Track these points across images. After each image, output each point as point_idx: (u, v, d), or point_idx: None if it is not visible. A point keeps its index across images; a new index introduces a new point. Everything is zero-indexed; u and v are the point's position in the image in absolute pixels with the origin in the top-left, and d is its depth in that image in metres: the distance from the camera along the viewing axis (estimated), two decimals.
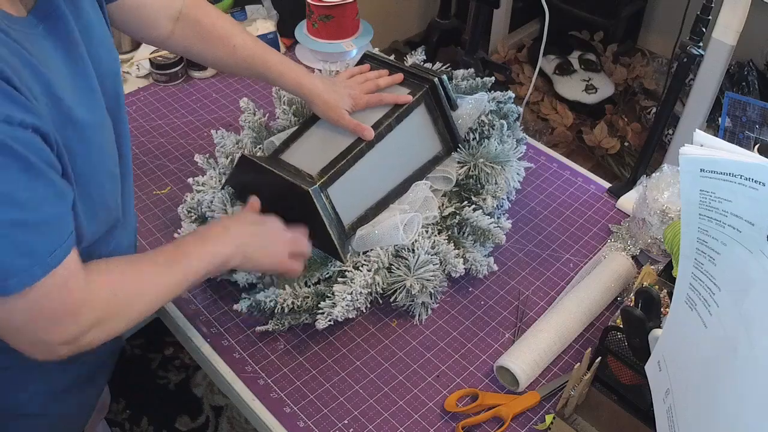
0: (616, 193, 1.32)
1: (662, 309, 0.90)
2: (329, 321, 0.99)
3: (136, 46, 1.62)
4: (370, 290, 1.03)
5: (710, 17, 1.16)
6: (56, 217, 0.69)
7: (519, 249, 1.21)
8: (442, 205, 1.16)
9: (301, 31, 1.63)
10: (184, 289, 0.85)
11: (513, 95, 1.31)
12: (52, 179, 0.68)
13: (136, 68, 1.57)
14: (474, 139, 1.21)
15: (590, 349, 0.93)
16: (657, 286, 0.99)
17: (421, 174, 1.16)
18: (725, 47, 1.58)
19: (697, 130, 0.61)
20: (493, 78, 1.34)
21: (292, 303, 1.02)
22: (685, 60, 1.18)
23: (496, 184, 1.16)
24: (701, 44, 1.18)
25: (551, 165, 1.39)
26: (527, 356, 0.99)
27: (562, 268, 1.18)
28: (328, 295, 1.02)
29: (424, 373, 1.02)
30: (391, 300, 1.05)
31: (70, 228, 0.71)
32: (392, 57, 1.39)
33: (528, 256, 1.20)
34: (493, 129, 1.21)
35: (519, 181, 1.22)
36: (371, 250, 1.07)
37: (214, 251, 0.87)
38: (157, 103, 1.50)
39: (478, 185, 1.17)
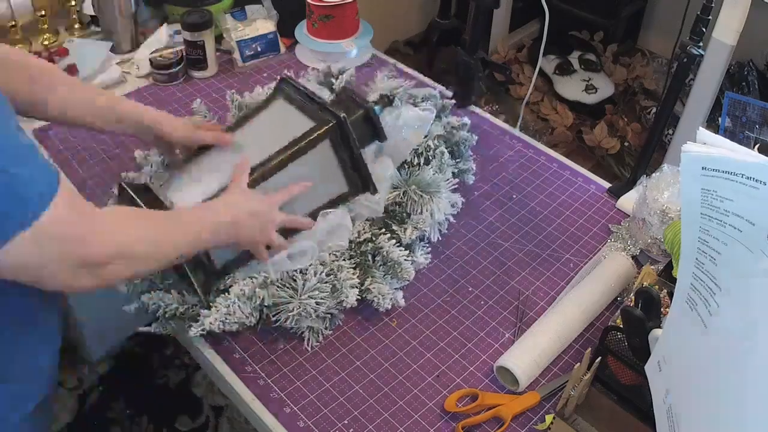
0: (616, 193, 1.32)
1: (662, 309, 0.90)
2: (201, 330, 0.98)
3: (135, 46, 1.62)
4: (253, 303, 1.00)
5: (710, 17, 1.16)
6: (35, 149, 0.73)
7: (519, 249, 1.21)
8: (363, 229, 1.11)
9: (301, 31, 1.63)
10: (193, 250, 0.91)
11: (468, 122, 1.28)
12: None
13: (135, 68, 1.57)
14: (417, 164, 1.18)
15: (590, 349, 0.93)
16: (657, 286, 0.99)
17: (318, 213, 1.08)
18: (725, 47, 1.58)
19: (700, 128, 0.61)
20: (453, 102, 1.32)
21: (176, 309, 1.01)
22: (685, 60, 1.18)
23: (421, 214, 1.12)
24: (701, 44, 1.18)
25: (551, 165, 1.39)
26: (527, 356, 0.99)
27: (562, 268, 1.18)
28: (212, 304, 1.00)
29: (424, 373, 1.02)
30: (273, 318, 1.02)
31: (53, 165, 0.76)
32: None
33: (528, 256, 1.20)
34: (435, 156, 1.19)
35: (451, 215, 1.17)
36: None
37: (217, 222, 0.93)
38: (157, 103, 1.50)
39: (404, 213, 1.13)
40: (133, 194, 0.98)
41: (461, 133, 1.26)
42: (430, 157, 1.19)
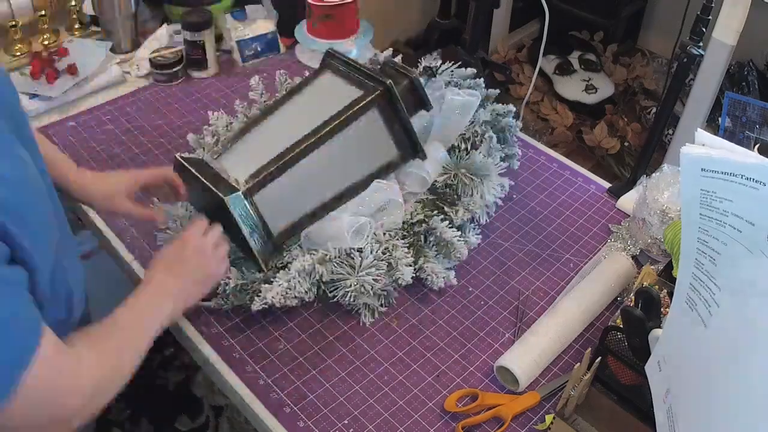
0: (616, 193, 1.32)
1: (662, 309, 0.90)
2: (264, 304, 1.00)
3: (135, 46, 1.62)
4: (312, 278, 1.03)
5: (710, 17, 1.16)
6: (16, 313, 0.67)
7: (519, 249, 1.21)
8: (414, 210, 1.15)
9: (301, 30, 1.63)
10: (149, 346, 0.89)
11: (513, 109, 1.29)
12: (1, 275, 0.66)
13: (136, 68, 1.57)
14: (465, 148, 1.20)
15: (590, 349, 0.93)
16: (657, 286, 0.99)
17: (370, 180, 1.11)
18: (725, 47, 1.58)
19: (699, 129, 0.61)
20: (497, 91, 1.32)
21: (237, 284, 1.03)
22: (685, 60, 1.18)
23: (471, 196, 1.15)
24: (701, 44, 1.18)
25: (551, 165, 1.39)
26: (527, 356, 0.99)
27: (562, 268, 1.18)
28: (272, 280, 1.02)
29: (424, 373, 1.02)
30: (332, 296, 1.05)
31: (34, 315, 0.69)
32: (398, 58, 1.38)
33: (528, 256, 1.20)
34: (484, 141, 1.21)
35: (499, 197, 1.19)
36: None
37: (164, 310, 0.91)
38: (157, 103, 1.50)
39: (455, 196, 1.16)
40: (194, 171, 1.01)
41: (507, 120, 1.27)
42: (478, 142, 1.21)
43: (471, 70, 1.34)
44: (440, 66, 1.33)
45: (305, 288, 1.02)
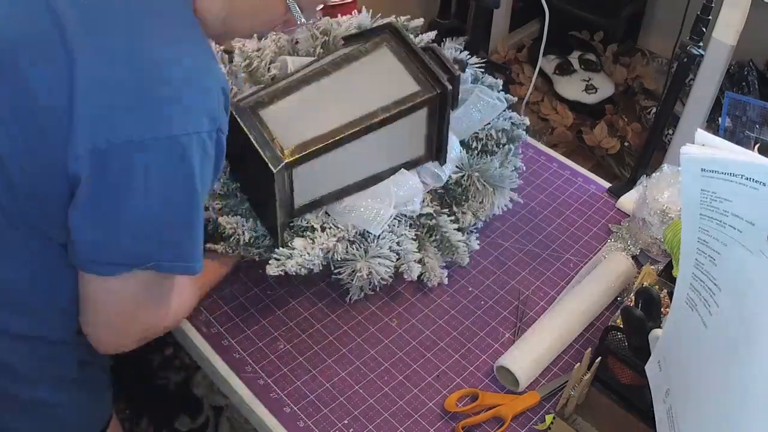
0: (616, 193, 1.32)
1: (662, 309, 0.90)
2: (281, 270, 0.99)
3: None
4: (326, 254, 1.02)
5: (710, 17, 1.17)
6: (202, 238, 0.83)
7: (519, 249, 1.21)
8: (423, 201, 1.13)
9: None
10: None
11: (528, 123, 1.27)
12: None
13: None
14: (475, 148, 1.19)
15: (590, 349, 0.93)
16: (657, 286, 0.99)
17: (391, 173, 1.10)
18: (725, 47, 1.58)
19: (698, 129, 0.61)
20: (515, 99, 1.30)
21: (249, 237, 1.03)
22: (685, 60, 1.18)
23: (481, 203, 1.14)
24: (701, 44, 1.18)
25: (551, 165, 1.39)
26: (527, 356, 0.99)
27: (562, 268, 1.18)
28: (287, 244, 1.01)
29: (424, 373, 1.02)
30: (334, 272, 1.04)
31: None
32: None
33: (528, 256, 1.20)
34: (499, 148, 1.19)
35: (502, 209, 1.19)
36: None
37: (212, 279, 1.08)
38: None
39: (463, 197, 1.15)
40: (244, 126, 0.99)
41: (518, 132, 1.25)
42: (490, 146, 1.19)
43: (497, 81, 1.29)
44: (469, 59, 1.29)
45: (319, 261, 1.01)
